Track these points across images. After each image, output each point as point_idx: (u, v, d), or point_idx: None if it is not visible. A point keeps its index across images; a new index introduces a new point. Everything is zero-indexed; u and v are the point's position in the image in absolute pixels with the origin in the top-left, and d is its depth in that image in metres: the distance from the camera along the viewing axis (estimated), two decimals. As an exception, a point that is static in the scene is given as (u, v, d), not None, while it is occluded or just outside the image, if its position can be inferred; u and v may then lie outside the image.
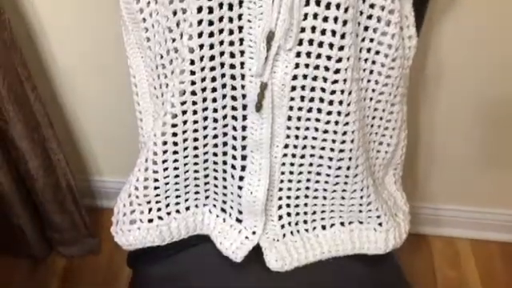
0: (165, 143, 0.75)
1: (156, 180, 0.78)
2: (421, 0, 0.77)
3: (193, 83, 0.70)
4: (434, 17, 0.97)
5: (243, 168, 0.78)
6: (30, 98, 1.03)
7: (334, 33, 0.66)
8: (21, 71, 1.01)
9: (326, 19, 0.65)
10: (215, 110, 0.73)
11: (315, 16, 0.65)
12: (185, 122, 0.73)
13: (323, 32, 0.66)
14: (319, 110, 0.72)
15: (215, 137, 0.76)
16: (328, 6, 0.64)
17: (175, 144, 0.75)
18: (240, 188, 0.79)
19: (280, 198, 0.81)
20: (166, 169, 0.77)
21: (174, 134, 0.74)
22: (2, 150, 1.08)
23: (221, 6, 0.65)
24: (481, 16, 0.96)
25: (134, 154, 0.99)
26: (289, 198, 0.81)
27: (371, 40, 0.71)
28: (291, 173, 0.79)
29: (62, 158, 1.19)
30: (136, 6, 0.73)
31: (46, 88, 1.16)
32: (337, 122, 0.73)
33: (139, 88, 0.83)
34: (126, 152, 1.27)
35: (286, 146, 0.76)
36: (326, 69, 0.69)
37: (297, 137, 0.75)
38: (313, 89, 0.71)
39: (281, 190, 0.81)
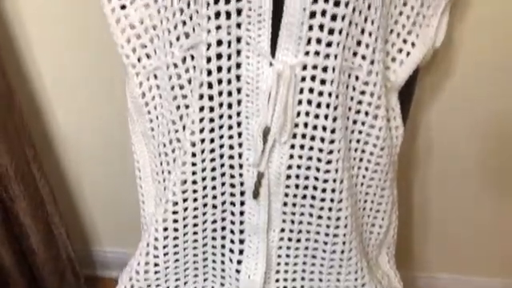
0: (166, 229, 0.78)
1: (156, 264, 0.81)
2: (406, 91, 0.83)
3: (194, 173, 0.75)
4: (423, 96, 1.03)
5: (241, 252, 0.81)
6: (35, 176, 1.07)
7: (324, 128, 0.71)
8: (28, 151, 1.05)
9: (317, 116, 0.70)
10: (214, 197, 0.77)
11: (307, 114, 0.70)
12: (185, 209, 0.77)
13: (315, 127, 0.71)
14: (313, 197, 0.76)
15: (214, 222, 0.80)
16: (319, 105, 0.70)
17: (176, 230, 0.78)
18: (238, 272, 0.81)
19: (277, 280, 0.84)
20: (166, 253, 0.80)
21: (175, 221, 0.78)
22: (5, 226, 1.11)
23: (221, 105, 0.70)
24: (470, 93, 1.01)
25: (133, 225, 1.02)
26: (286, 280, 0.84)
27: (360, 132, 0.77)
28: (288, 256, 0.82)
29: (63, 231, 1.21)
30: (142, 100, 0.79)
31: (50, 162, 1.20)
32: (330, 209, 0.77)
33: (142, 172, 0.87)
34: (126, 223, 1.30)
35: (283, 231, 0.80)
36: (319, 160, 0.73)
37: (292, 222, 0.79)
38: (307, 178, 0.75)
39: (278, 272, 0.83)
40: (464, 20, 0.93)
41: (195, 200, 0.77)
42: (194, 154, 0.73)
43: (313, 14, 0.64)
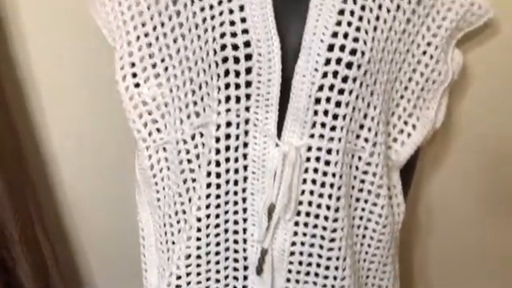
0: (169, 303, 0.78)
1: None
2: (407, 168, 0.85)
3: (198, 248, 0.75)
4: (424, 169, 1.06)
5: (243, 327, 0.80)
6: (39, 238, 1.07)
7: (328, 207, 0.72)
8: (33, 211, 1.06)
9: (321, 195, 0.72)
10: (218, 272, 0.78)
11: (311, 193, 0.72)
12: (188, 283, 0.77)
13: (319, 206, 0.73)
14: (316, 274, 0.77)
15: (217, 296, 0.80)
16: (323, 185, 0.71)
17: (179, 304, 0.78)
18: None
19: None
20: (169, 328, 0.79)
21: (178, 295, 0.78)
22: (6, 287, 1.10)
23: (227, 182, 0.72)
24: (469, 165, 1.03)
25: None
26: None
27: (363, 209, 0.78)
28: (290, 332, 0.81)
29: (62, 291, 1.20)
30: (150, 172, 0.81)
31: (53, 220, 1.20)
32: (333, 286, 0.77)
33: (146, 241, 0.88)
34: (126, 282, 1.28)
35: (285, 307, 0.80)
36: (322, 238, 0.74)
37: (295, 298, 0.79)
38: (310, 255, 0.76)
39: None
40: (462, 97, 0.96)
41: (199, 274, 0.77)
42: (199, 229, 0.74)
43: (318, 101, 0.67)
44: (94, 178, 1.14)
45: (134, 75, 0.77)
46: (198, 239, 0.75)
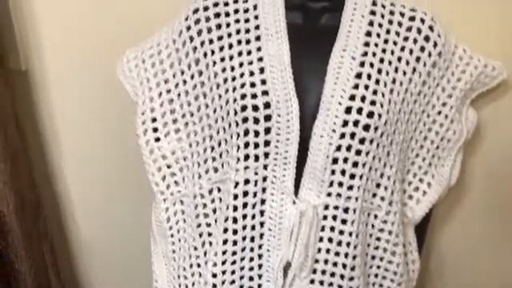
0: None
1: None
2: (421, 222, 0.85)
3: (213, 304, 0.75)
4: (435, 226, 1.05)
5: None
6: (52, 283, 1.08)
7: (344, 266, 0.72)
8: (47, 258, 1.07)
9: (337, 254, 0.72)
10: (232, 328, 0.77)
11: (328, 251, 0.72)
12: None
13: (335, 264, 0.73)
14: (331, 333, 0.76)
15: None
16: (339, 243, 0.72)
17: None
18: None
19: None
20: None
21: None
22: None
23: (244, 238, 0.73)
24: (480, 221, 1.03)
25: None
26: None
27: (378, 267, 0.78)
28: None
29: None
30: (166, 224, 0.82)
31: (65, 262, 1.21)
32: None
33: (160, 292, 0.88)
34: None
35: None
36: (338, 296, 0.74)
37: None
38: (325, 312, 0.75)
39: None
40: (474, 153, 0.97)
41: (213, 330, 0.77)
42: (214, 285, 0.74)
43: (335, 161, 0.68)
44: (109, 227, 1.15)
45: (155, 130, 0.79)
46: (213, 295, 0.75)
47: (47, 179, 1.09)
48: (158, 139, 0.79)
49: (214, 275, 0.74)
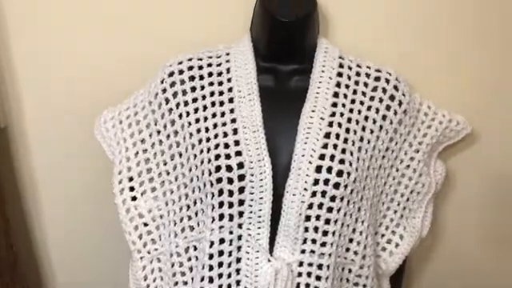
0: None
1: None
2: (395, 272, 0.86)
3: None
4: (411, 271, 1.07)
5: None
6: None
7: None
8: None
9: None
10: None
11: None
12: None
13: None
14: None
15: None
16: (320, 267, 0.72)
17: None
18: None
19: None
20: None
21: None
22: None
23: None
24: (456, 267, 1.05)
25: None
26: None
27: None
28: None
29: None
30: (144, 282, 0.81)
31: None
32: None
33: None
34: None
35: None
36: None
37: None
38: None
39: None
40: (446, 202, 1.00)
41: None
42: None
43: (308, 218, 0.70)
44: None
45: (132, 189, 0.80)
46: None
47: (25, 237, 1.09)
48: (134, 198, 0.80)
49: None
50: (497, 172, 0.97)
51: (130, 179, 0.80)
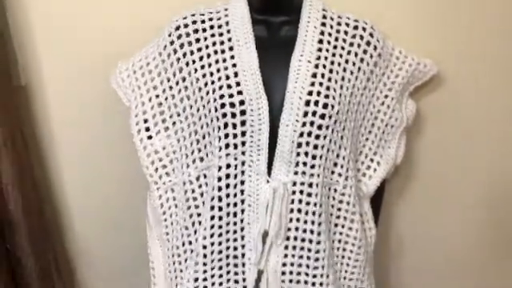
0: (179, 321, 0.91)
1: None
2: (375, 198, 1.01)
3: (204, 271, 0.89)
4: (391, 202, 1.22)
5: None
6: (53, 277, 1.19)
7: (312, 231, 0.88)
8: (49, 254, 1.19)
9: (305, 222, 0.88)
10: (221, 292, 0.91)
11: (298, 220, 0.87)
12: (197, 303, 0.90)
13: (304, 231, 0.88)
14: (304, 290, 0.91)
15: (220, 314, 0.93)
16: (307, 213, 0.87)
17: (188, 322, 0.91)
18: None
19: None
20: None
21: (188, 314, 0.91)
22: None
23: (228, 214, 0.87)
24: (430, 194, 1.21)
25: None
26: None
27: (340, 233, 0.94)
28: None
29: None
30: (160, 210, 0.95)
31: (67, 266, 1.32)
32: (319, 300, 0.91)
33: (156, 271, 1.01)
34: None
35: (279, 321, 0.93)
36: (308, 258, 0.89)
37: (287, 313, 0.92)
38: (298, 273, 0.90)
39: None
40: (419, 137, 1.15)
41: (205, 295, 0.91)
42: (205, 255, 0.88)
43: (299, 145, 0.84)
44: (104, 226, 1.27)
45: (147, 129, 0.93)
46: (204, 264, 0.89)
47: (45, 182, 1.21)
48: (150, 137, 0.93)
49: (204, 246, 0.88)
50: (461, 110, 1.12)
51: (145, 121, 0.93)
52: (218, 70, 0.85)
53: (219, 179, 0.86)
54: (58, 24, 1.05)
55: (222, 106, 0.83)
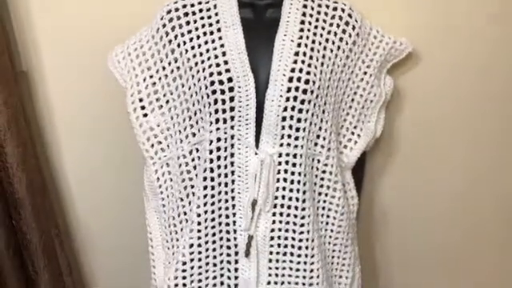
0: (176, 285, 0.98)
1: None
2: (357, 168, 1.09)
3: (199, 238, 0.97)
4: (374, 176, 1.30)
5: (237, 301, 1.01)
6: (57, 252, 1.26)
7: (297, 199, 0.95)
8: (53, 230, 1.26)
9: (291, 190, 0.95)
10: (215, 257, 0.99)
11: (284, 188, 0.95)
12: (192, 268, 0.98)
13: (290, 198, 0.95)
14: (292, 254, 0.99)
15: (214, 278, 1.00)
16: (292, 182, 0.94)
17: (184, 285, 0.98)
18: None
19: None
20: (177, 305, 0.99)
21: (184, 278, 0.98)
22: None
23: (219, 184, 0.94)
24: (413, 168, 1.28)
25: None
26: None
27: (324, 201, 1.01)
28: (273, 304, 1.02)
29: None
30: (157, 183, 1.02)
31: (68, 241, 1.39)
32: (305, 262, 0.99)
33: (154, 241, 1.08)
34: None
35: (269, 283, 1.00)
36: (294, 224, 0.97)
37: (276, 275, 1.00)
38: (286, 238, 0.98)
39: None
40: (398, 113, 1.22)
41: (200, 260, 0.98)
42: (199, 223, 0.96)
43: (284, 119, 0.91)
44: (104, 207, 1.35)
45: (143, 107, 1.00)
46: (199, 231, 0.96)
47: (47, 164, 1.28)
48: (145, 115, 1.00)
49: (198, 215, 0.95)
50: (436, 85, 1.19)
51: (140, 100, 1.00)
52: (207, 51, 0.92)
53: (210, 152, 0.93)
54: (57, 13, 1.11)
55: (212, 83, 0.90)
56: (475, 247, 1.38)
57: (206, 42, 0.92)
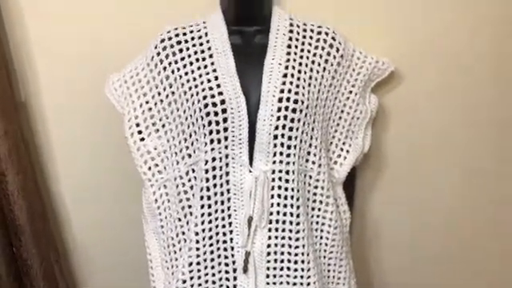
0: (177, 303, 1.01)
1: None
2: (347, 183, 1.13)
3: (198, 256, 0.99)
4: (365, 190, 1.34)
5: (236, 318, 1.03)
6: (56, 277, 1.28)
7: (291, 214, 0.99)
8: (52, 256, 1.28)
9: (285, 205, 0.99)
10: (213, 275, 1.01)
11: (278, 204, 0.99)
12: (192, 286, 1.00)
13: (284, 214, 0.99)
14: (288, 268, 1.02)
15: (214, 295, 1.03)
16: (286, 197, 0.98)
17: (185, 303, 1.01)
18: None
19: None
20: (178, 323, 1.01)
21: (184, 295, 1.00)
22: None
23: (216, 202, 0.98)
24: (401, 182, 1.33)
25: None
26: None
27: (317, 216, 1.05)
28: (272, 319, 1.04)
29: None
30: (155, 205, 1.06)
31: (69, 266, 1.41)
32: (302, 276, 1.02)
33: (154, 262, 1.10)
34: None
35: (267, 298, 1.03)
36: (289, 238, 1.00)
37: (274, 290, 1.03)
38: (282, 253, 1.01)
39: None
40: (385, 130, 1.27)
41: (199, 277, 1.01)
42: (197, 241, 0.99)
43: (275, 137, 0.96)
44: (101, 227, 1.37)
45: (140, 132, 1.04)
46: (197, 249, 0.99)
47: (46, 190, 1.31)
48: (142, 139, 1.04)
49: (196, 233, 0.98)
50: (418, 102, 1.25)
51: (137, 125, 1.04)
52: (200, 75, 0.97)
53: (206, 171, 0.97)
54: (54, 43, 1.16)
55: (206, 105, 0.94)
56: (467, 258, 1.42)
57: (199, 68, 0.97)
